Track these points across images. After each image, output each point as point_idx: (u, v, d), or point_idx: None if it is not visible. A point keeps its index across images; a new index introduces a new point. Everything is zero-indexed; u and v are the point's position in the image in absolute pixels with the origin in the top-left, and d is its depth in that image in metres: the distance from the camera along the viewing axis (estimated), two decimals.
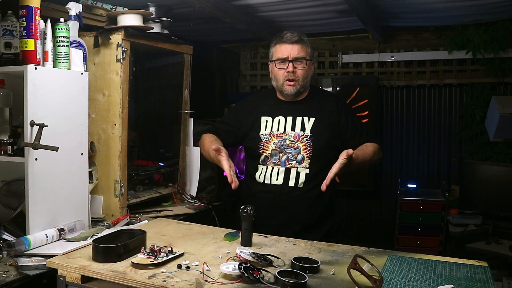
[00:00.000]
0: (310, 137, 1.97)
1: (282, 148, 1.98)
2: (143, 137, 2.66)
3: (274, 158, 1.99)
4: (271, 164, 2.00)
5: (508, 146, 3.59)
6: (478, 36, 3.55)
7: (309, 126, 1.99)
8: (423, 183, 3.97)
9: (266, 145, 2.01)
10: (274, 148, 1.99)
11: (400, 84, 4.04)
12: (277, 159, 1.98)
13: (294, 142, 1.98)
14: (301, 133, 1.99)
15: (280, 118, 2.03)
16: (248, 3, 2.84)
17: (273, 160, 1.99)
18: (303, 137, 1.98)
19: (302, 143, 1.97)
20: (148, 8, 2.42)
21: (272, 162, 1.99)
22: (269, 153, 2.00)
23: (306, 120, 2.01)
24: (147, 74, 2.72)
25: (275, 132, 2.01)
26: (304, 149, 1.97)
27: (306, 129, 1.99)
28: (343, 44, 4.22)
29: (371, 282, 1.21)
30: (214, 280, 1.25)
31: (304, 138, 1.98)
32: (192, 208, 2.53)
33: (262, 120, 2.06)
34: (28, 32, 1.65)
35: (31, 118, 1.64)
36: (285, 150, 1.98)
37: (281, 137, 2.00)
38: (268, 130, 2.03)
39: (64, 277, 1.38)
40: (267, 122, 2.05)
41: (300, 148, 1.97)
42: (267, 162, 2.01)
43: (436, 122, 3.99)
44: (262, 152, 2.01)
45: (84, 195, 1.94)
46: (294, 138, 1.98)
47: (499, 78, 3.66)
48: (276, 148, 1.99)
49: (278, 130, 2.01)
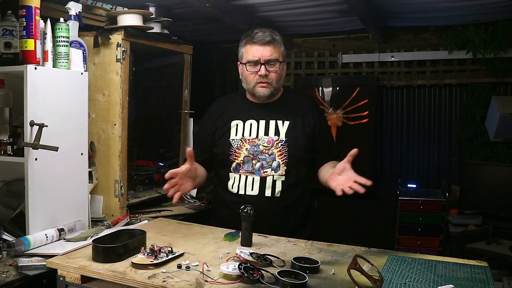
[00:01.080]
0: (285, 142, 1.85)
1: (255, 154, 1.85)
2: (143, 137, 2.65)
3: (247, 166, 1.86)
4: (244, 172, 1.86)
5: (508, 146, 3.58)
6: (478, 36, 3.55)
7: (284, 130, 1.87)
8: (423, 183, 3.97)
9: (238, 152, 1.88)
10: (246, 154, 1.86)
11: (400, 84, 4.04)
12: (250, 166, 1.85)
13: (268, 147, 1.85)
14: (275, 138, 1.86)
15: (252, 121, 1.90)
16: (248, 3, 2.84)
17: (245, 168, 1.86)
18: (277, 142, 1.86)
19: (277, 149, 1.85)
20: (148, 8, 2.42)
21: (245, 170, 1.86)
22: (241, 160, 1.87)
23: (280, 123, 1.88)
24: (147, 74, 2.72)
25: (247, 137, 1.88)
26: (279, 155, 1.85)
27: (280, 133, 1.87)
28: (343, 44, 4.22)
29: (371, 282, 1.21)
30: (214, 280, 1.25)
31: (279, 143, 1.85)
32: (192, 208, 2.53)
33: (232, 124, 1.92)
34: (28, 32, 1.65)
35: (31, 118, 1.64)
36: (259, 157, 1.85)
37: (253, 143, 1.87)
38: (239, 135, 1.89)
39: (64, 277, 1.38)
40: (238, 127, 1.91)
41: (275, 154, 1.85)
42: (239, 170, 1.87)
43: (436, 122, 3.99)
44: (233, 159, 1.88)
45: (84, 195, 1.94)
46: (268, 144, 1.86)
47: (499, 78, 3.66)
48: (248, 155, 1.86)
49: (250, 135, 1.88)
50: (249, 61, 1.85)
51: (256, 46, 1.83)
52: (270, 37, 1.83)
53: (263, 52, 1.83)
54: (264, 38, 1.83)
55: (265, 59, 1.83)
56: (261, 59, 1.83)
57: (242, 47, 1.89)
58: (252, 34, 1.85)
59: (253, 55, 1.84)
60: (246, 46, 1.87)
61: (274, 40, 1.85)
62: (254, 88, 1.87)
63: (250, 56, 1.85)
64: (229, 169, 1.90)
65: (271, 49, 1.83)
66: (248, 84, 1.90)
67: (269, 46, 1.83)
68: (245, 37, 1.89)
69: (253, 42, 1.84)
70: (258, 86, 1.86)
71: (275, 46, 1.85)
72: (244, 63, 1.88)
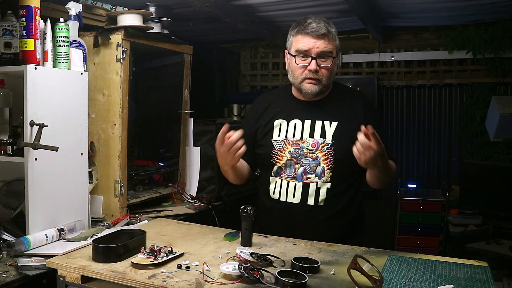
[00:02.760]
0: (331, 145, 1.68)
1: (298, 158, 1.70)
2: (143, 137, 2.65)
3: (289, 170, 1.71)
4: (285, 177, 1.72)
5: (508, 146, 3.59)
6: (478, 36, 3.56)
7: (331, 132, 1.69)
8: (423, 183, 3.97)
9: (280, 154, 1.73)
10: (289, 158, 1.71)
11: (400, 84, 4.05)
12: (292, 171, 1.71)
13: (313, 151, 1.69)
14: (321, 140, 1.69)
15: (297, 121, 1.74)
16: (248, 3, 2.84)
17: (288, 172, 1.72)
18: (323, 145, 1.69)
19: (322, 153, 1.68)
20: (148, 8, 2.42)
21: (287, 175, 1.72)
22: (283, 163, 1.72)
23: (327, 124, 1.71)
24: (147, 74, 2.72)
25: (290, 139, 1.72)
26: (324, 160, 1.68)
27: (327, 135, 1.69)
28: (343, 44, 4.21)
29: (371, 282, 1.21)
30: (214, 280, 1.25)
31: (325, 147, 1.69)
32: (192, 208, 2.52)
33: (275, 124, 1.77)
34: (28, 32, 1.65)
35: (31, 118, 1.64)
36: (302, 161, 1.69)
37: (297, 145, 1.71)
38: (282, 136, 1.74)
39: (64, 277, 1.38)
40: (281, 127, 1.76)
41: (320, 159, 1.68)
42: (281, 175, 1.74)
43: (436, 122, 4.00)
44: (275, 162, 1.74)
45: (84, 195, 1.94)
46: (313, 147, 1.69)
47: (499, 78, 3.66)
48: (291, 158, 1.71)
49: (294, 137, 1.72)
50: (298, 50, 1.66)
51: (308, 38, 1.64)
52: (325, 28, 1.64)
53: (316, 44, 1.64)
54: (319, 30, 1.63)
55: (317, 52, 1.64)
56: (313, 52, 1.64)
57: (292, 36, 1.71)
58: (306, 23, 1.65)
59: (303, 46, 1.65)
60: (297, 36, 1.68)
61: (329, 32, 1.65)
62: (302, 84, 1.69)
63: (300, 45, 1.66)
64: (271, 173, 1.76)
65: (324, 42, 1.64)
66: (295, 79, 1.71)
67: (322, 39, 1.64)
68: (296, 25, 1.69)
69: (305, 33, 1.65)
70: (306, 82, 1.68)
71: (329, 39, 1.65)
72: (293, 54, 1.69)
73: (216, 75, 4.30)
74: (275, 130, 1.77)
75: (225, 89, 4.43)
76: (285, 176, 1.73)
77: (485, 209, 3.35)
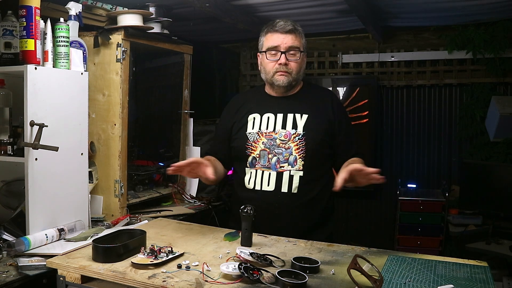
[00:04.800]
0: (303, 136, 1.80)
1: (271, 148, 1.82)
2: (143, 137, 2.65)
3: (263, 161, 1.82)
4: (260, 167, 1.83)
5: (508, 146, 3.59)
6: (478, 36, 3.56)
7: (302, 124, 1.82)
8: (423, 183, 3.97)
9: (254, 145, 1.84)
10: (262, 148, 1.83)
11: (400, 84, 4.05)
12: (266, 161, 1.81)
13: (285, 141, 1.81)
14: (293, 132, 1.81)
15: (270, 115, 1.87)
16: (248, 3, 2.84)
17: (262, 162, 1.82)
18: (294, 135, 1.81)
19: (294, 143, 1.80)
20: (148, 8, 2.42)
21: (262, 165, 1.82)
22: (257, 154, 1.83)
23: (298, 117, 1.84)
24: (147, 74, 2.73)
25: (263, 131, 1.84)
26: (296, 149, 1.80)
27: (298, 127, 1.82)
28: (343, 44, 4.22)
29: (371, 282, 1.21)
30: (214, 280, 1.25)
31: (296, 137, 1.81)
32: (192, 208, 2.52)
33: (249, 118, 1.89)
34: (28, 32, 1.65)
35: (31, 118, 1.64)
36: (275, 151, 1.81)
37: (270, 136, 1.83)
38: (256, 128, 1.86)
39: (64, 277, 1.38)
40: (255, 120, 1.88)
41: (292, 148, 1.80)
42: (255, 165, 1.84)
43: (436, 122, 4.00)
44: (250, 153, 1.85)
45: (84, 195, 1.94)
46: (285, 137, 1.81)
47: (499, 78, 3.66)
48: (265, 149, 1.82)
49: (267, 129, 1.84)
50: (269, 48, 1.83)
51: (277, 34, 1.82)
52: (291, 26, 1.82)
53: (284, 40, 1.80)
54: (286, 27, 1.81)
55: (286, 47, 1.80)
56: (282, 47, 1.81)
57: (263, 36, 1.88)
58: (274, 23, 1.84)
59: (273, 43, 1.82)
60: (267, 35, 1.86)
61: (295, 29, 1.83)
62: (273, 77, 1.84)
63: (270, 43, 1.83)
64: (245, 164, 1.86)
65: (292, 38, 1.81)
66: (267, 74, 1.87)
67: (290, 35, 1.81)
68: (266, 27, 1.87)
69: (274, 31, 1.83)
70: (277, 75, 1.83)
71: (296, 35, 1.82)
72: (264, 51, 1.85)
73: (216, 75, 4.30)
74: (249, 124, 1.89)
75: (225, 89, 4.43)
76: (260, 166, 1.83)
77: (485, 209, 3.35)
